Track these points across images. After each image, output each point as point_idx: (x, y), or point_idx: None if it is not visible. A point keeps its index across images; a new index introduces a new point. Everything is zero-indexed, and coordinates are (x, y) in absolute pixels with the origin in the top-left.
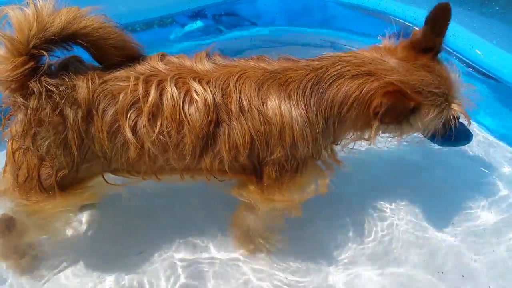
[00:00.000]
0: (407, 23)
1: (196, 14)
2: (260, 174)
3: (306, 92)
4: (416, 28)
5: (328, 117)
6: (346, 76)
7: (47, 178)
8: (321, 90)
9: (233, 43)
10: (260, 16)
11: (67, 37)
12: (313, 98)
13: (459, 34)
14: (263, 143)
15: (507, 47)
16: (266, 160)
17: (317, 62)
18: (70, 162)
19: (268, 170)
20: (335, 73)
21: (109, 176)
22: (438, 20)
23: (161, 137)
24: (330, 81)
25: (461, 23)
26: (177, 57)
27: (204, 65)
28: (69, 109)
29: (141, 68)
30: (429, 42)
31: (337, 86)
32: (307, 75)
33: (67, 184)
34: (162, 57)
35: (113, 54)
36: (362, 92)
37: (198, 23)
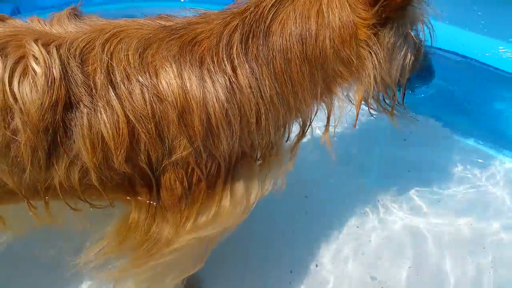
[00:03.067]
0: None
1: None
2: (156, 189)
3: (235, 46)
4: None
5: (283, 77)
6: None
7: None
8: (263, 36)
9: None
10: None
11: None
12: (250, 52)
13: None
14: (154, 135)
15: None
16: (164, 163)
17: (236, 8)
18: None
19: (168, 181)
20: (274, 2)
21: None
22: None
23: None
24: (272, 15)
25: None
26: (26, 20)
27: (65, 27)
28: None
29: None
30: None
31: (287, 17)
32: (229, 23)
33: None
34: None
35: None
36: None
37: None
